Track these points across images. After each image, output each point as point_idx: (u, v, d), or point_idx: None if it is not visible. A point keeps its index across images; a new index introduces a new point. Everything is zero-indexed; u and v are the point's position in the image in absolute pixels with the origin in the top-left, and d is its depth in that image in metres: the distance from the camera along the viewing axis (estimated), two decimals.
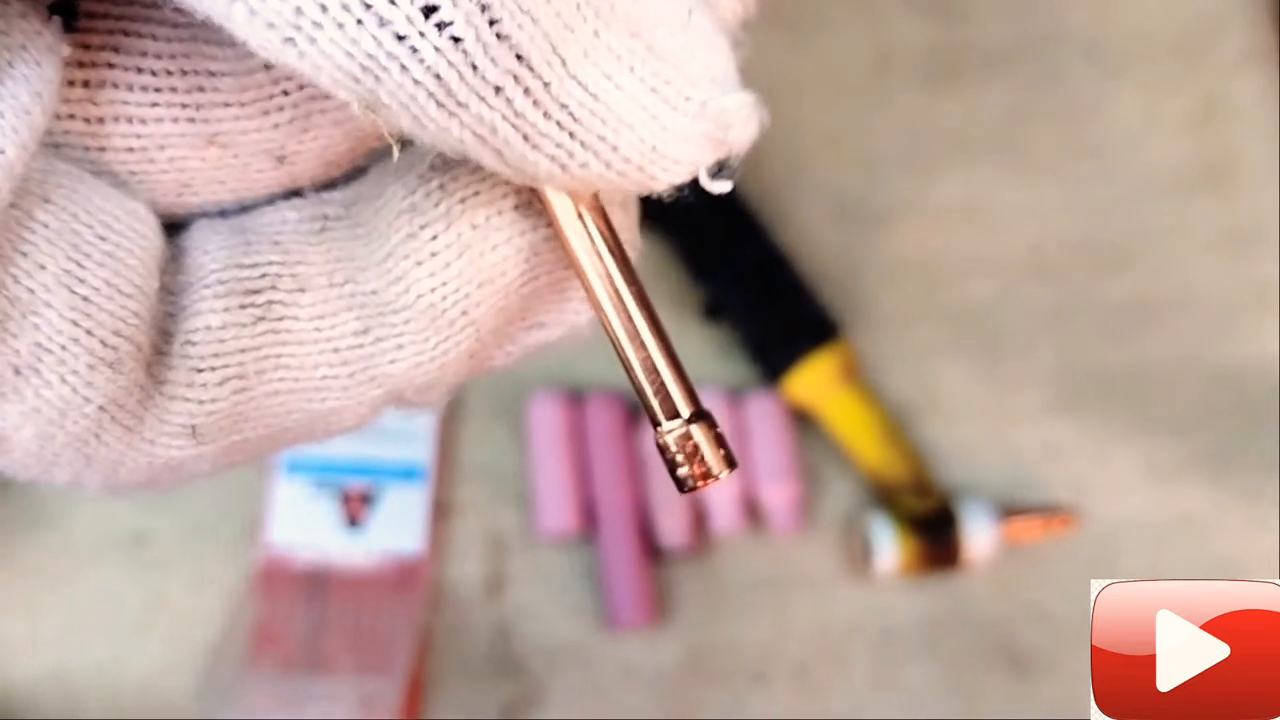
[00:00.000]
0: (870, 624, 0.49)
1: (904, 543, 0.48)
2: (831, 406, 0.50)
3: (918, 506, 0.49)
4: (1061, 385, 0.52)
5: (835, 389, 0.49)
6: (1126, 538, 0.50)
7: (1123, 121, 0.54)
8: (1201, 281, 0.53)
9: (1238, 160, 0.54)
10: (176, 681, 0.47)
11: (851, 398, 0.49)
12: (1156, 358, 0.52)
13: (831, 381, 0.49)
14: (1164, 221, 0.53)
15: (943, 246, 0.53)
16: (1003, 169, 0.54)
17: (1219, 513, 0.50)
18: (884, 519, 0.48)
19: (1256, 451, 0.51)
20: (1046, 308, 0.52)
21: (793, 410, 0.50)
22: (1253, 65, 0.55)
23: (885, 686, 0.48)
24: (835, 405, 0.49)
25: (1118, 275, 0.53)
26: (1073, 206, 0.54)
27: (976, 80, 0.55)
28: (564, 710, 0.48)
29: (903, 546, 0.48)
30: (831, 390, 0.49)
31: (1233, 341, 0.52)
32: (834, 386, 0.49)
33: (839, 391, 0.49)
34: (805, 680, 0.48)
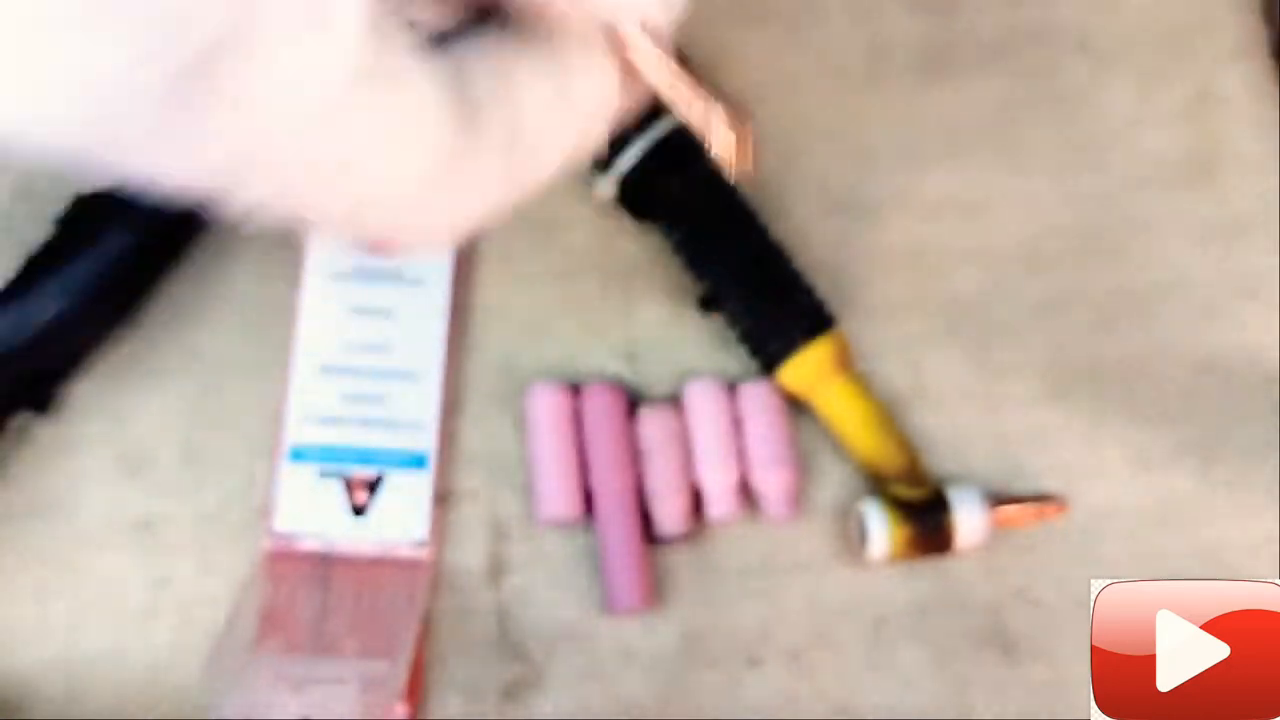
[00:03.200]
0: (862, 609, 0.50)
1: (896, 529, 0.48)
2: (825, 396, 0.50)
3: (911, 494, 0.49)
4: (1051, 375, 0.52)
5: (829, 379, 0.49)
6: (1114, 525, 0.51)
7: (1114, 114, 0.55)
8: (1191, 272, 0.53)
9: (1227, 153, 0.55)
10: (183, 665, 0.48)
11: (845, 388, 0.50)
12: (1145, 348, 0.53)
13: (825, 372, 0.49)
14: (1153, 213, 0.54)
15: (934, 237, 0.53)
16: (994, 161, 0.54)
17: (1206, 500, 0.51)
18: (877, 506, 0.48)
19: (1244, 440, 0.52)
20: (1037, 298, 0.53)
21: (788, 399, 0.51)
22: (1244, 59, 0.56)
23: (877, 669, 0.49)
24: (829, 395, 0.50)
25: (1108, 266, 0.53)
26: (1063, 198, 0.54)
27: (969, 73, 0.55)
28: (563, 691, 0.48)
29: (895, 533, 0.48)
30: (825, 380, 0.49)
31: (1221, 331, 0.53)
32: (827, 377, 0.49)
33: (832, 382, 0.49)
34: (798, 663, 0.49)
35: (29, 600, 0.49)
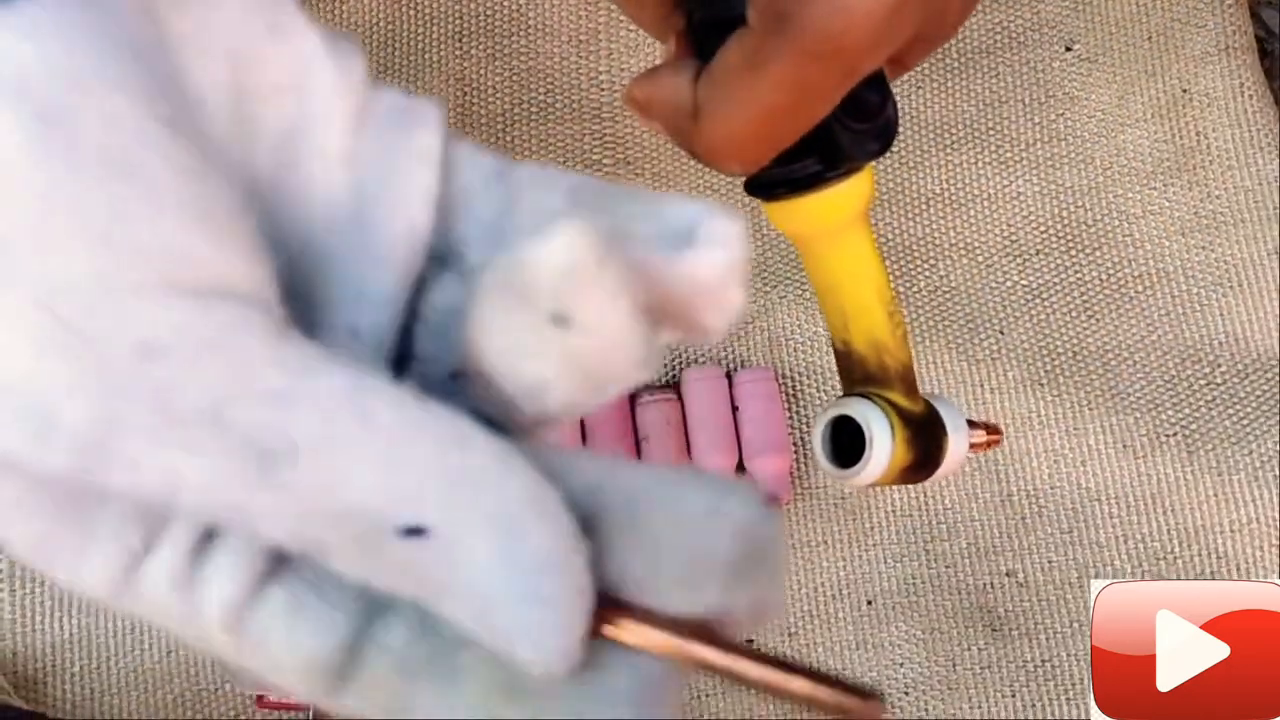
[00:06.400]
0: (855, 588, 0.51)
1: (900, 448, 0.37)
2: (849, 246, 0.37)
3: (912, 406, 0.37)
4: (1036, 362, 0.54)
5: (861, 224, 0.36)
6: (1101, 509, 0.52)
7: (1098, 110, 0.56)
8: (1173, 263, 0.55)
9: (1209, 147, 0.56)
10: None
11: (871, 242, 0.37)
12: (1129, 337, 0.54)
13: (859, 213, 0.36)
14: (1136, 206, 0.55)
15: (923, 231, 0.55)
16: (981, 157, 0.56)
17: (1191, 484, 0.52)
18: (878, 413, 0.36)
19: (1226, 426, 0.53)
20: (1022, 289, 0.54)
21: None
22: (1226, 56, 0.57)
23: (868, 647, 0.51)
24: (853, 245, 0.37)
25: (1091, 258, 0.55)
26: (1048, 192, 0.55)
27: (957, 71, 0.57)
28: None
29: (898, 448, 0.37)
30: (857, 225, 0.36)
31: (1203, 321, 0.54)
32: (860, 220, 0.36)
33: (863, 229, 0.37)
34: (794, 641, 0.51)
35: (48, 579, 0.50)
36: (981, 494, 0.52)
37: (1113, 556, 0.51)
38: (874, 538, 0.52)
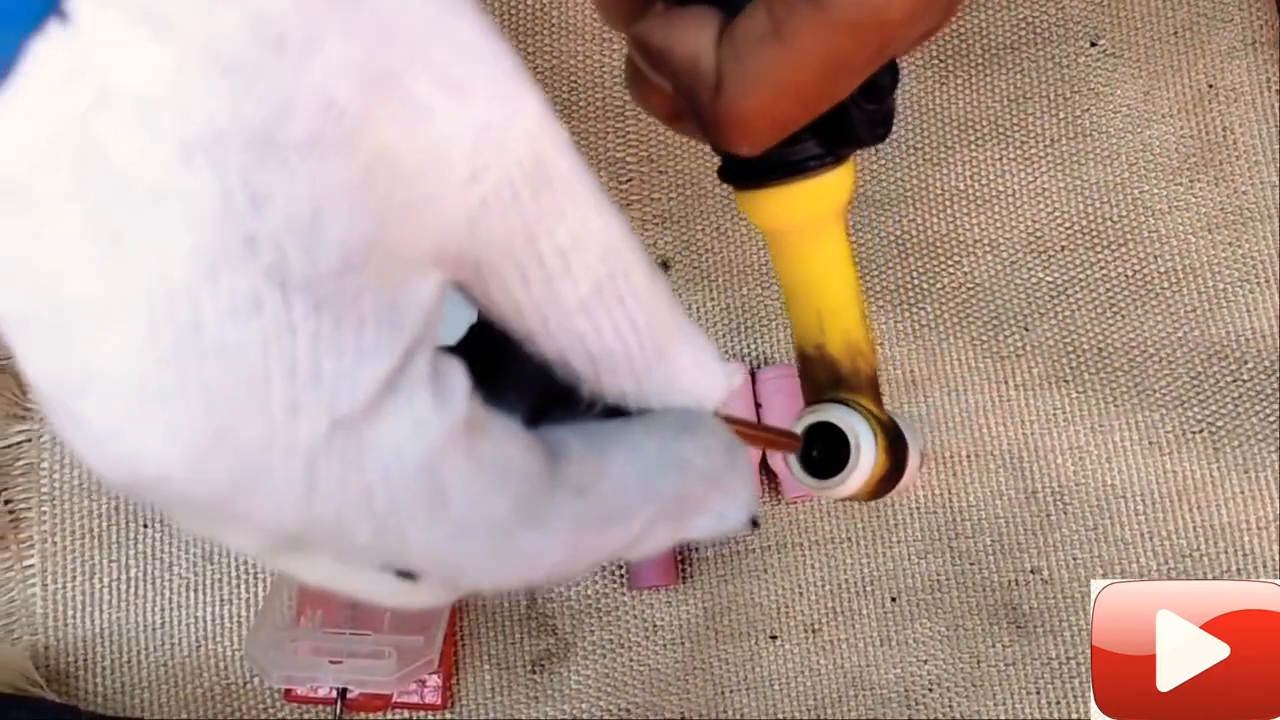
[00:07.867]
0: (878, 585, 0.51)
1: (882, 457, 0.35)
2: (826, 243, 0.35)
3: (882, 414, 0.36)
4: (1061, 359, 0.54)
5: (839, 220, 0.35)
6: (1126, 505, 0.52)
7: (1122, 105, 0.56)
8: (1198, 259, 0.55)
9: (1235, 143, 0.56)
10: (226, 638, 0.50)
11: (846, 240, 0.35)
12: (1154, 333, 0.54)
13: (839, 209, 0.34)
14: (1162, 202, 0.55)
15: (947, 228, 0.55)
16: (1005, 153, 0.56)
17: (1216, 482, 0.52)
18: (862, 419, 0.34)
19: (1252, 424, 0.53)
20: (1047, 285, 0.54)
21: None
22: (1252, 51, 0.57)
23: (892, 643, 0.51)
24: (829, 242, 0.35)
25: (1116, 254, 0.55)
26: (1073, 188, 0.55)
27: (981, 67, 0.56)
28: (590, 664, 0.50)
29: (879, 462, 0.35)
30: (836, 221, 0.35)
31: (1229, 317, 0.54)
32: (839, 216, 0.34)
33: (840, 225, 0.35)
34: (816, 638, 0.51)
35: (79, 576, 0.51)
36: (1006, 491, 0.52)
37: (1138, 554, 0.51)
38: (898, 534, 0.52)
